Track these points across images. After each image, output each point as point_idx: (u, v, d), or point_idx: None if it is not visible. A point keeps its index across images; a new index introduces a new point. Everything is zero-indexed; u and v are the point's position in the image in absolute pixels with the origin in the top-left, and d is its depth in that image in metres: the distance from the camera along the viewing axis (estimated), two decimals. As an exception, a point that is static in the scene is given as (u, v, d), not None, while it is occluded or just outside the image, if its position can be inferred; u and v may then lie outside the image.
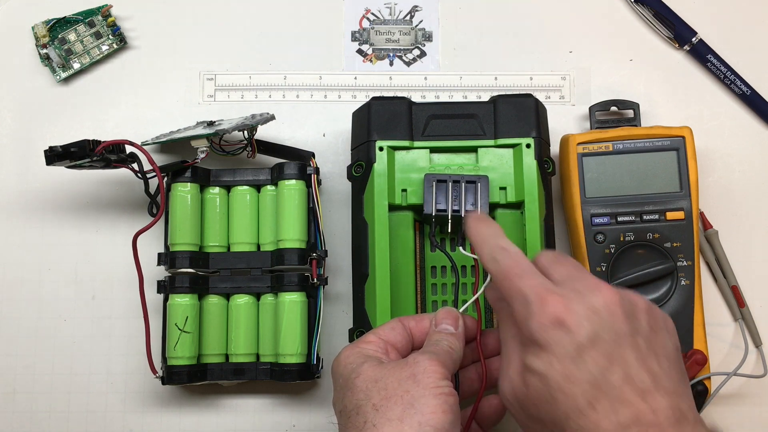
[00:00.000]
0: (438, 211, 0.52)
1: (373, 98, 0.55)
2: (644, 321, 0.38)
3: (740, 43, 0.62)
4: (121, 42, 0.61)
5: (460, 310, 0.47)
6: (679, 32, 0.61)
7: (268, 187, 0.56)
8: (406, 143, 0.54)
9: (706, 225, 0.59)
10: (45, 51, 0.60)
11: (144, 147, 0.51)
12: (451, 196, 0.52)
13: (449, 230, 0.52)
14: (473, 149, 0.54)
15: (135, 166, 0.53)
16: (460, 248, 0.51)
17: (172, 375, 0.53)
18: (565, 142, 0.57)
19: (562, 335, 0.37)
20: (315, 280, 0.54)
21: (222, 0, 0.63)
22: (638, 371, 0.36)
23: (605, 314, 0.37)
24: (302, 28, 0.63)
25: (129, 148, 0.52)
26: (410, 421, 0.38)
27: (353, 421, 0.40)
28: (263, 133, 0.59)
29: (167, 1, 0.63)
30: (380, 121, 0.54)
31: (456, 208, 0.52)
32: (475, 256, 0.51)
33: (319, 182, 0.57)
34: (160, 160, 0.57)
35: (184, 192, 0.55)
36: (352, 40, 0.63)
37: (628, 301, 0.38)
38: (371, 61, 0.62)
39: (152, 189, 0.53)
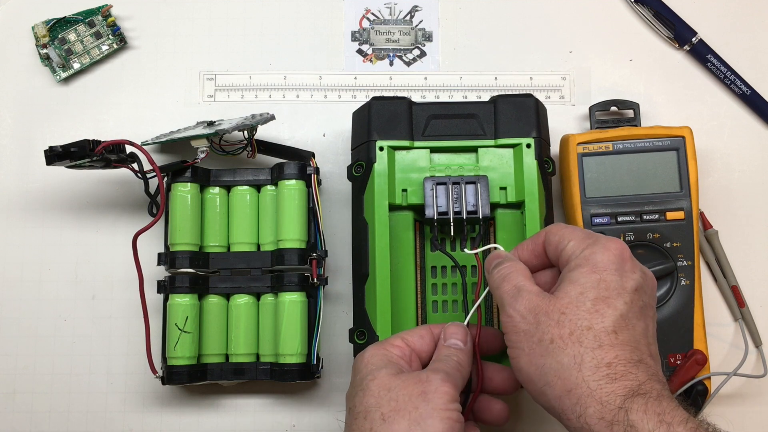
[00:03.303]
0: (439, 214, 0.52)
1: (374, 98, 0.55)
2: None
3: (740, 43, 0.62)
4: (121, 42, 0.61)
5: (466, 319, 0.47)
6: (679, 32, 0.61)
7: (268, 187, 0.56)
8: (406, 143, 0.54)
9: (706, 225, 0.58)
10: (45, 51, 0.60)
11: (144, 147, 0.51)
12: (452, 198, 0.52)
13: (451, 233, 0.52)
14: (473, 149, 0.54)
15: (135, 166, 0.53)
16: (466, 250, 0.50)
17: (172, 375, 0.53)
18: (565, 142, 0.57)
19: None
20: (315, 280, 0.54)
21: (222, 0, 0.63)
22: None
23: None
24: (302, 28, 0.63)
25: (129, 148, 0.52)
26: None
27: (359, 424, 0.41)
28: (263, 133, 0.59)
29: (167, 1, 0.63)
30: (380, 121, 0.54)
31: (457, 209, 0.52)
32: (477, 251, 0.49)
33: (319, 182, 0.57)
34: (160, 160, 0.57)
35: (184, 192, 0.55)
36: (352, 40, 0.63)
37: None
38: (371, 61, 0.62)
39: (152, 189, 0.53)
